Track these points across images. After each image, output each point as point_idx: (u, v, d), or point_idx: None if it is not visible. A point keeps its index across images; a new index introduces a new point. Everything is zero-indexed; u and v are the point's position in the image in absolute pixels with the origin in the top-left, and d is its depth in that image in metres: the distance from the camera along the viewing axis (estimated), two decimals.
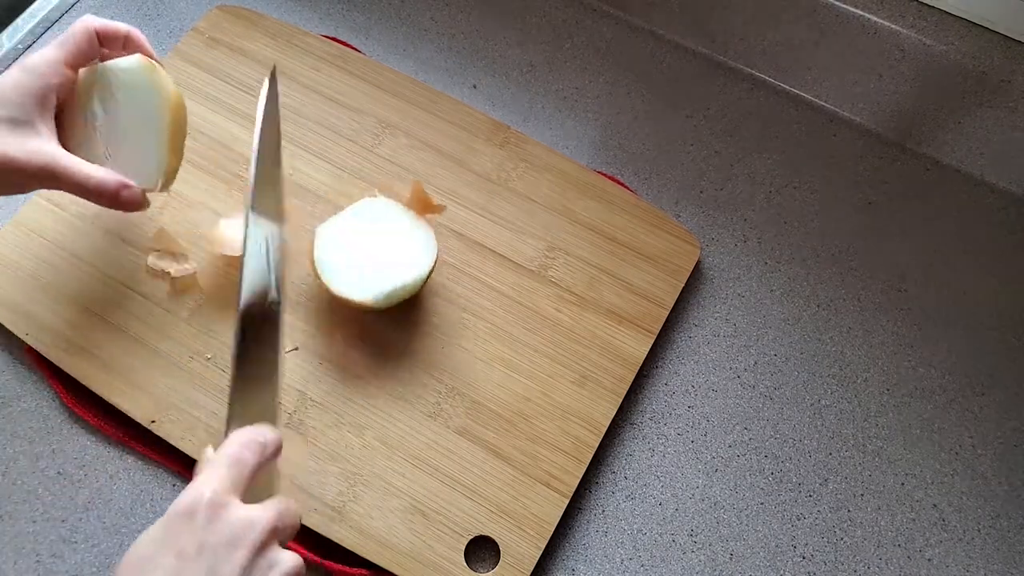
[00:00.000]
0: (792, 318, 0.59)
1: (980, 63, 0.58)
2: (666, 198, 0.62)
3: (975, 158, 0.64)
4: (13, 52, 0.64)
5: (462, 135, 0.61)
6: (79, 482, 0.51)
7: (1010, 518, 0.53)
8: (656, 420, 0.55)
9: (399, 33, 0.68)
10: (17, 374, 0.53)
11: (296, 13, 0.68)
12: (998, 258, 0.61)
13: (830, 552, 0.52)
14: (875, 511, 0.53)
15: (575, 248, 0.58)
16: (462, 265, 0.56)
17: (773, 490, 0.53)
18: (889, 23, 0.59)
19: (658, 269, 0.57)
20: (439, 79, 0.66)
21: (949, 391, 0.57)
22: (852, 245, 0.61)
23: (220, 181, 0.58)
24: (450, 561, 0.48)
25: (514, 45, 0.68)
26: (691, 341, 0.57)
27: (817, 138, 0.65)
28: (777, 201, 0.63)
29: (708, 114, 0.66)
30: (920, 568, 0.51)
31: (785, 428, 0.55)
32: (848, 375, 0.57)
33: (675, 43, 0.69)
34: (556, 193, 0.59)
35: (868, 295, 0.60)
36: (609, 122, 0.65)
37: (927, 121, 0.63)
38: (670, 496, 0.53)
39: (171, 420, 0.51)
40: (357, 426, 0.51)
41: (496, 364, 0.54)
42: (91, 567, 0.49)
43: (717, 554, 0.51)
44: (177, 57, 0.62)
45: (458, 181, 0.59)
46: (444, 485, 0.50)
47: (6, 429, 0.52)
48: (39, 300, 0.53)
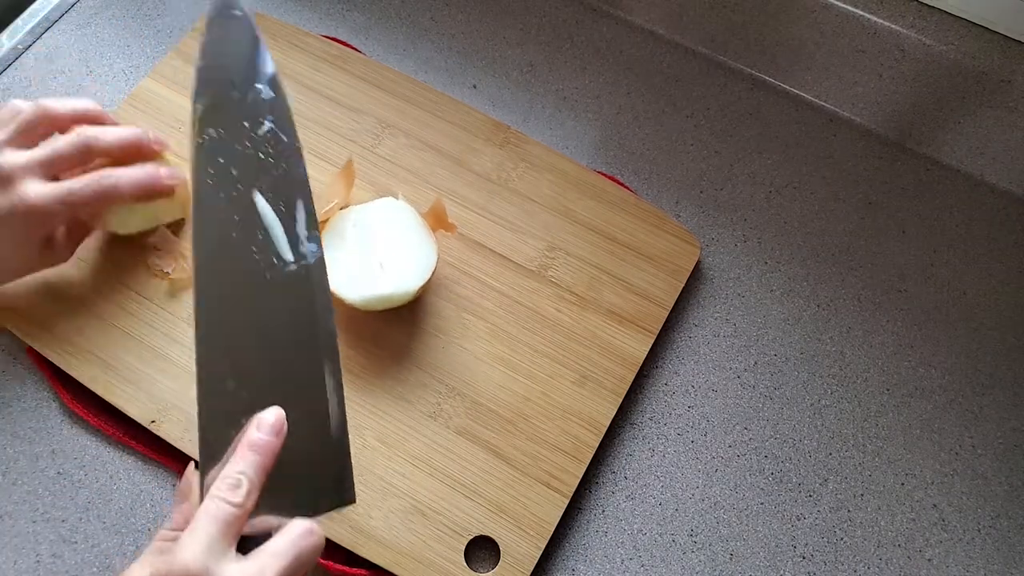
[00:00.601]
0: (792, 318, 0.59)
1: (980, 63, 0.58)
2: (666, 198, 0.62)
3: (975, 158, 0.64)
4: (13, 52, 0.64)
5: (462, 135, 0.61)
6: (79, 482, 0.51)
7: (1010, 518, 0.53)
8: (656, 420, 0.55)
9: (399, 33, 0.68)
10: (17, 374, 0.53)
11: (296, 13, 0.68)
12: (998, 258, 0.61)
13: (830, 552, 0.52)
14: (875, 511, 0.53)
15: (575, 248, 0.58)
16: (462, 265, 0.56)
17: (773, 490, 0.53)
18: (889, 23, 0.59)
19: (658, 269, 0.57)
20: (439, 79, 0.66)
21: (949, 391, 0.57)
22: (852, 245, 0.61)
23: None
24: (450, 561, 0.48)
25: (514, 45, 0.68)
26: (691, 341, 0.57)
27: (817, 138, 0.65)
28: (777, 201, 0.63)
29: (708, 114, 0.66)
30: (920, 568, 0.51)
31: (785, 428, 0.55)
32: (848, 375, 0.57)
33: (675, 43, 0.69)
34: (556, 193, 0.59)
35: (868, 295, 0.60)
36: (609, 122, 0.65)
37: (927, 121, 0.63)
38: (670, 496, 0.53)
39: (171, 420, 0.51)
40: (357, 426, 0.51)
41: (496, 364, 0.54)
42: (91, 567, 0.49)
43: (717, 554, 0.51)
44: (177, 57, 0.62)
45: (458, 181, 0.59)
46: (444, 485, 0.50)
47: (6, 429, 0.52)
48: (39, 300, 0.53)
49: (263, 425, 0.37)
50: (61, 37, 0.65)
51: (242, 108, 0.42)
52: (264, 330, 0.39)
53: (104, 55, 0.65)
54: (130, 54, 0.65)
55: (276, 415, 0.37)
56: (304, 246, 0.40)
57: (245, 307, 0.39)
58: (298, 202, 0.41)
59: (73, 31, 0.65)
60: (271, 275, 0.40)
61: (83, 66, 0.64)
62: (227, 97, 0.42)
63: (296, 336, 0.39)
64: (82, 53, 0.65)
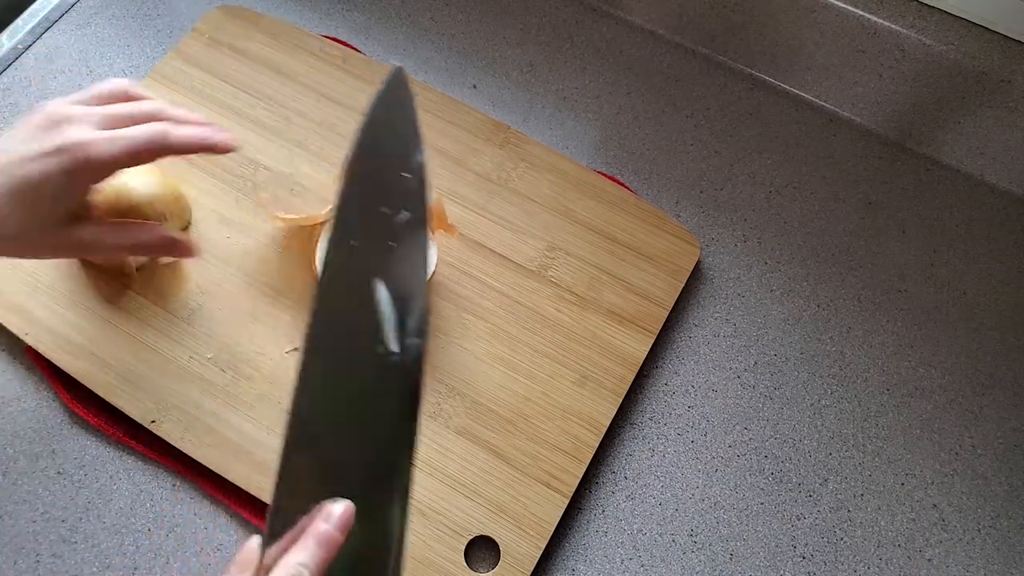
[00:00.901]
0: (792, 318, 0.59)
1: (980, 63, 0.58)
2: (666, 198, 0.62)
3: (975, 158, 0.64)
4: (13, 52, 0.64)
5: (462, 135, 0.61)
6: (79, 482, 0.51)
7: (1010, 518, 0.53)
8: (656, 420, 0.55)
9: (399, 33, 0.68)
10: (17, 374, 0.53)
11: (296, 13, 0.68)
12: (998, 258, 0.61)
13: (830, 552, 0.52)
14: (875, 511, 0.53)
15: (575, 248, 0.58)
16: (462, 265, 0.56)
17: (773, 490, 0.53)
18: (889, 23, 0.59)
19: (658, 269, 0.57)
20: (439, 79, 0.66)
21: (949, 391, 0.57)
22: (852, 245, 0.61)
23: (219, 181, 0.58)
24: (450, 561, 0.48)
25: (514, 45, 0.68)
26: (691, 341, 0.57)
27: (817, 138, 0.65)
28: (777, 201, 0.63)
29: (708, 114, 0.66)
30: (920, 568, 0.51)
31: (785, 428, 0.55)
32: (848, 375, 0.57)
33: (675, 43, 0.69)
34: (556, 193, 0.59)
35: (868, 295, 0.60)
36: (609, 122, 0.65)
37: (927, 121, 0.63)
38: (670, 496, 0.53)
39: (171, 420, 0.51)
40: None
41: (496, 364, 0.54)
42: (91, 567, 0.49)
43: (717, 554, 0.51)
44: (177, 57, 0.62)
45: (458, 181, 0.59)
46: (444, 485, 0.50)
47: (6, 429, 0.52)
48: (39, 300, 0.53)
49: (332, 518, 0.36)
50: (61, 37, 0.65)
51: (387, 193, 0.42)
52: (353, 415, 0.39)
53: (104, 55, 0.65)
54: (130, 54, 0.65)
55: (346, 509, 0.36)
56: (410, 342, 0.40)
57: (341, 388, 0.39)
58: (415, 298, 0.41)
59: (73, 31, 0.65)
60: (373, 362, 0.39)
61: (83, 66, 0.64)
62: (376, 178, 0.42)
63: (378, 431, 0.39)
64: (82, 53, 0.65)
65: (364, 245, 0.40)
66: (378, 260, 0.40)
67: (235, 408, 0.51)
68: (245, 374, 0.52)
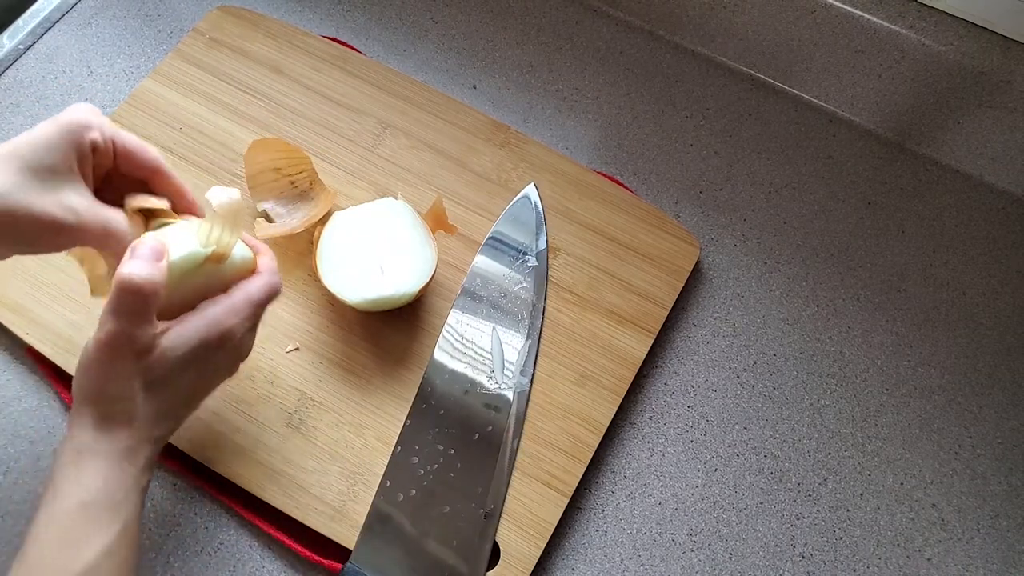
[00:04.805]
0: (792, 318, 0.59)
1: (980, 63, 0.58)
2: (666, 198, 0.62)
3: (975, 158, 0.64)
4: (13, 52, 0.64)
5: (462, 135, 0.61)
6: None
7: (1009, 517, 0.53)
8: (656, 420, 0.55)
9: (399, 33, 0.68)
10: (17, 374, 0.53)
11: (296, 14, 0.68)
12: (998, 258, 0.62)
13: (830, 552, 0.52)
14: (874, 511, 0.53)
15: (575, 248, 0.58)
16: (462, 265, 0.57)
17: (773, 490, 0.53)
18: (889, 23, 0.59)
19: (658, 269, 0.57)
20: (439, 79, 0.66)
21: (948, 391, 0.57)
22: (851, 245, 0.62)
23: (219, 181, 0.58)
24: None
25: (514, 45, 0.68)
26: (691, 341, 0.57)
27: (816, 138, 0.65)
28: (777, 201, 0.63)
29: (708, 114, 0.66)
30: (920, 568, 0.51)
31: (784, 428, 0.55)
32: (847, 375, 0.57)
33: (675, 43, 0.69)
34: (556, 193, 0.59)
35: (867, 295, 0.60)
36: (609, 122, 0.65)
37: (927, 121, 0.63)
38: (670, 496, 0.53)
39: None
40: (357, 426, 0.51)
41: None
42: None
43: (717, 554, 0.51)
44: (178, 57, 0.62)
45: (458, 181, 0.59)
46: None
47: (7, 429, 0.52)
48: (39, 300, 0.53)
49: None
50: (61, 37, 0.65)
51: (510, 269, 0.55)
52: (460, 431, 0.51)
53: (104, 55, 0.65)
54: (130, 54, 0.65)
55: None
56: (518, 381, 0.52)
57: (452, 408, 0.51)
58: (528, 349, 0.53)
59: (73, 31, 0.65)
60: (483, 393, 0.52)
61: (83, 66, 0.64)
62: (503, 258, 0.56)
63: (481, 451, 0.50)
64: (82, 53, 0.65)
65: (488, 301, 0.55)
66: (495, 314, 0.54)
67: (235, 408, 0.51)
68: (245, 374, 0.52)
